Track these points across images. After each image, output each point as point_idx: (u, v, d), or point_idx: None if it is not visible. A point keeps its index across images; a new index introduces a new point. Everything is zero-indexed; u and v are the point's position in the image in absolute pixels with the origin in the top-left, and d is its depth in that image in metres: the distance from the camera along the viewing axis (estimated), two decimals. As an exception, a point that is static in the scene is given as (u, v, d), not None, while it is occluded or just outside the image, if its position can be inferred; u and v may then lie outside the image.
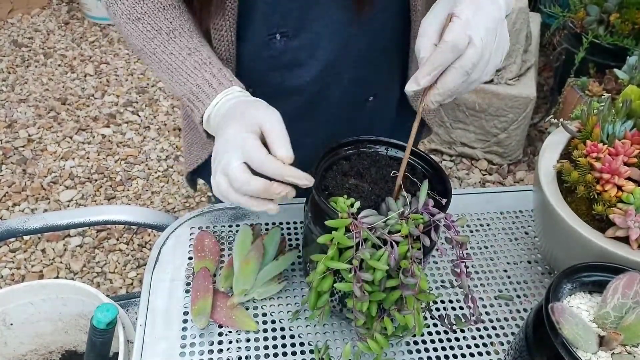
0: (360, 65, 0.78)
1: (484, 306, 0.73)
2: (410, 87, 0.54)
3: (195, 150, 0.92)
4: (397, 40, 0.80)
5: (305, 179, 0.56)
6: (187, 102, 0.68)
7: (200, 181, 1.03)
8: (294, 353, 0.66)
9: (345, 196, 0.59)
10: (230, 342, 0.67)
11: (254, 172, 0.56)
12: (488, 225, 0.85)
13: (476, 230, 0.84)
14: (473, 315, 0.59)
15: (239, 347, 0.66)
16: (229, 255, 0.78)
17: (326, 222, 0.55)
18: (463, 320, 0.61)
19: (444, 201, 0.60)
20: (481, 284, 0.76)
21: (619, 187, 0.62)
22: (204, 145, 0.89)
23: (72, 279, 1.88)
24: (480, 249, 0.81)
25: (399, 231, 0.55)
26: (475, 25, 0.52)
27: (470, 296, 0.57)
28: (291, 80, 0.77)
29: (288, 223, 0.83)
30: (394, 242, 0.54)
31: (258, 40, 0.74)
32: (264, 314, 0.70)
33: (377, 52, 0.78)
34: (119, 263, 1.94)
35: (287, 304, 0.72)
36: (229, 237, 0.80)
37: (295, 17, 0.71)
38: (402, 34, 0.79)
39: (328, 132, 0.83)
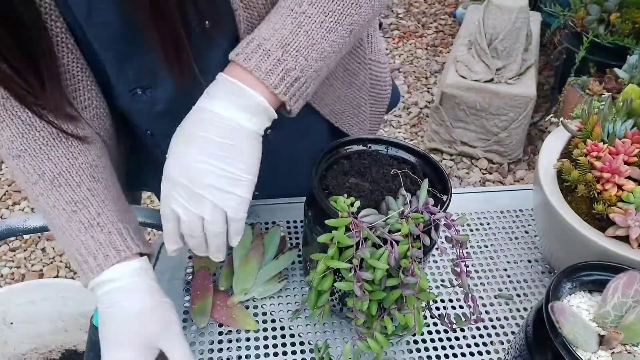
0: None
1: (484, 305, 0.73)
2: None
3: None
4: None
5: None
6: (72, 262, 0.60)
7: None
8: (294, 352, 0.66)
9: (345, 195, 0.59)
10: (230, 341, 0.67)
11: None
12: (488, 224, 0.85)
13: (476, 230, 0.84)
14: (473, 315, 0.59)
15: (239, 346, 0.66)
16: (229, 254, 0.77)
17: (326, 222, 0.55)
18: (463, 319, 0.61)
19: (444, 200, 0.60)
20: (481, 283, 0.76)
21: (619, 186, 0.62)
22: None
23: (72, 278, 1.88)
24: (480, 248, 0.81)
25: (399, 230, 0.55)
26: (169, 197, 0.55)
27: (470, 295, 0.57)
28: (171, 127, 0.63)
29: (288, 222, 0.83)
30: (394, 241, 0.54)
31: (122, 96, 0.66)
32: (264, 313, 0.70)
33: None
34: (119, 262, 1.94)
35: (287, 303, 0.72)
36: (229, 236, 0.80)
37: (149, 71, 0.63)
38: None
39: None
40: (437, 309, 0.72)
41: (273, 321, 0.70)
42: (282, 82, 0.55)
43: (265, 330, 0.68)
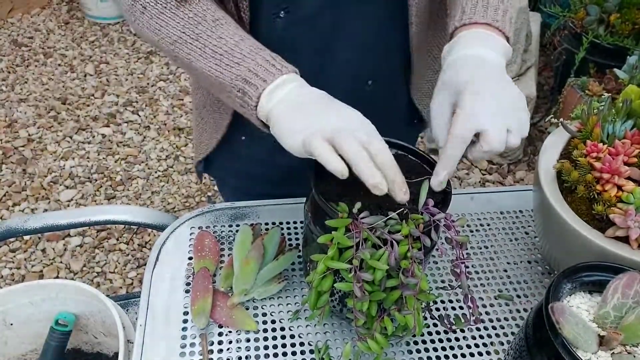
0: (357, 47, 0.78)
1: (484, 306, 0.73)
2: (434, 184, 0.59)
3: (205, 139, 0.92)
4: (392, 27, 0.80)
5: (404, 195, 0.56)
6: (238, 85, 0.63)
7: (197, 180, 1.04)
8: (294, 353, 0.66)
9: (345, 197, 0.59)
10: (230, 342, 0.67)
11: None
12: (488, 225, 0.85)
13: (476, 230, 0.84)
14: (473, 316, 0.59)
15: (239, 347, 0.66)
16: (229, 255, 0.77)
17: (326, 222, 0.55)
18: (463, 320, 0.61)
19: (444, 201, 0.60)
20: (481, 284, 0.76)
21: (619, 187, 0.62)
22: (213, 134, 0.89)
23: (72, 278, 1.88)
24: (480, 249, 0.81)
25: (399, 231, 0.55)
26: (480, 115, 0.57)
27: (470, 296, 0.57)
28: (292, 56, 0.77)
29: (288, 223, 0.83)
30: (394, 242, 0.54)
31: (266, 21, 0.73)
32: (264, 314, 0.70)
33: (375, 37, 0.79)
34: (119, 263, 1.94)
35: (287, 304, 0.72)
36: (229, 237, 0.80)
37: None
38: (396, 20, 0.79)
39: None
40: (437, 309, 0.72)
41: (273, 322, 0.70)
42: (510, 28, 0.65)
43: (265, 331, 0.68)
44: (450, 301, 0.73)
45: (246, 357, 0.65)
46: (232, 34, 0.64)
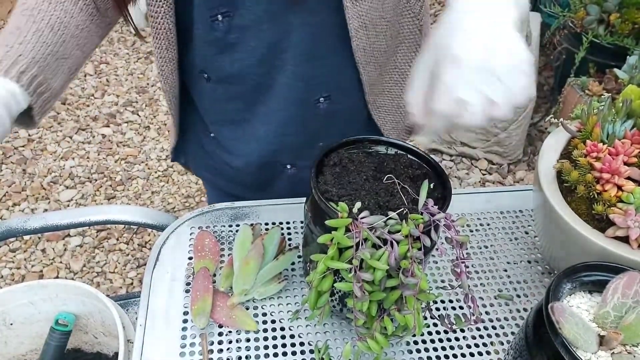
0: (304, 59, 0.76)
1: (484, 306, 0.73)
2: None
3: (172, 129, 0.95)
4: (337, 39, 0.76)
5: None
6: None
7: (201, 181, 1.06)
8: (294, 353, 0.66)
9: (346, 197, 0.59)
10: (230, 342, 0.67)
11: None
12: (488, 224, 0.85)
13: (476, 230, 0.84)
14: (473, 315, 0.59)
15: (239, 347, 0.66)
16: (229, 255, 0.78)
17: (326, 222, 0.55)
18: (463, 320, 0.61)
19: (444, 201, 0.60)
20: (481, 284, 0.76)
21: (619, 187, 0.62)
22: (174, 126, 0.92)
23: (72, 278, 1.88)
24: (480, 248, 0.81)
25: (399, 231, 0.55)
26: (460, 84, 0.50)
27: (470, 296, 0.57)
28: (234, 64, 0.76)
29: (288, 223, 0.83)
30: (394, 242, 0.54)
31: (201, 22, 0.73)
32: (264, 314, 0.70)
33: (322, 49, 0.76)
34: (119, 263, 1.94)
35: (287, 304, 0.72)
36: (229, 237, 0.80)
37: None
38: (341, 32, 0.74)
39: (279, 129, 0.83)
40: (437, 309, 0.72)
41: (273, 322, 0.70)
42: None
43: (265, 331, 0.68)
44: (450, 301, 0.73)
45: (246, 357, 0.65)
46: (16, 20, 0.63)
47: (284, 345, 0.67)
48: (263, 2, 0.70)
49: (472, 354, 0.67)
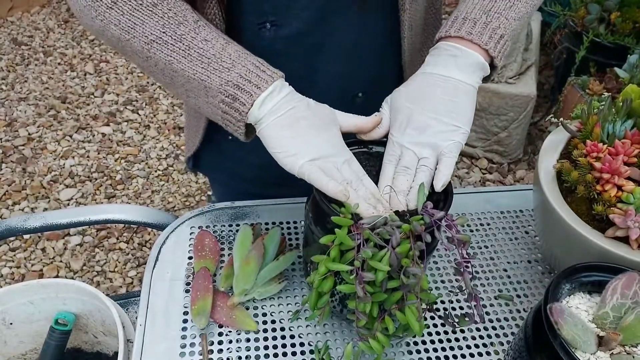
0: (345, 59, 0.77)
1: (484, 306, 0.73)
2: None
3: (191, 135, 0.93)
4: (384, 40, 0.79)
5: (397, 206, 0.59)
6: (228, 90, 0.62)
7: (201, 180, 1.05)
8: (294, 353, 0.66)
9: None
10: (230, 342, 0.67)
11: None
12: (488, 224, 0.85)
13: (476, 230, 0.84)
14: (477, 314, 0.58)
15: (239, 347, 0.66)
16: (229, 255, 0.78)
17: (332, 218, 0.55)
18: (467, 319, 0.60)
19: (445, 202, 0.60)
20: (481, 284, 0.76)
21: (619, 187, 0.62)
22: (198, 132, 0.89)
23: (72, 278, 1.88)
24: (480, 248, 0.81)
25: (399, 227, 0.54)
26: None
27: (473, 294, 0.57)
28: (277, 67, 0.76)
29: (288, 223, 0.83)
30: (395, 242, 0.54)
31: (249, 30, 0.73)
32: (264, 314, 0.70)
33: (364, 49, 0.78)
34: (119, 262, 1.94)
35: (287, 304, 0.72)
36: (229, 237, 0.80)
37: (285, 6, 0.70)
38: (389, 33, 0.78)
39: None
40: (437, 310, 0.72)
41: (273, 322, 0.70)
42: (491, 40, 0.64)
43: (265, 331, 0.68)
44: (451, 301, 0.73)
45: (246, 357, 0.65)
46: (216, 36, 0.63)
47: (284, 346, 0.67)
48: (312, 7, 0.70)
49: (472, 354, 0.67)
